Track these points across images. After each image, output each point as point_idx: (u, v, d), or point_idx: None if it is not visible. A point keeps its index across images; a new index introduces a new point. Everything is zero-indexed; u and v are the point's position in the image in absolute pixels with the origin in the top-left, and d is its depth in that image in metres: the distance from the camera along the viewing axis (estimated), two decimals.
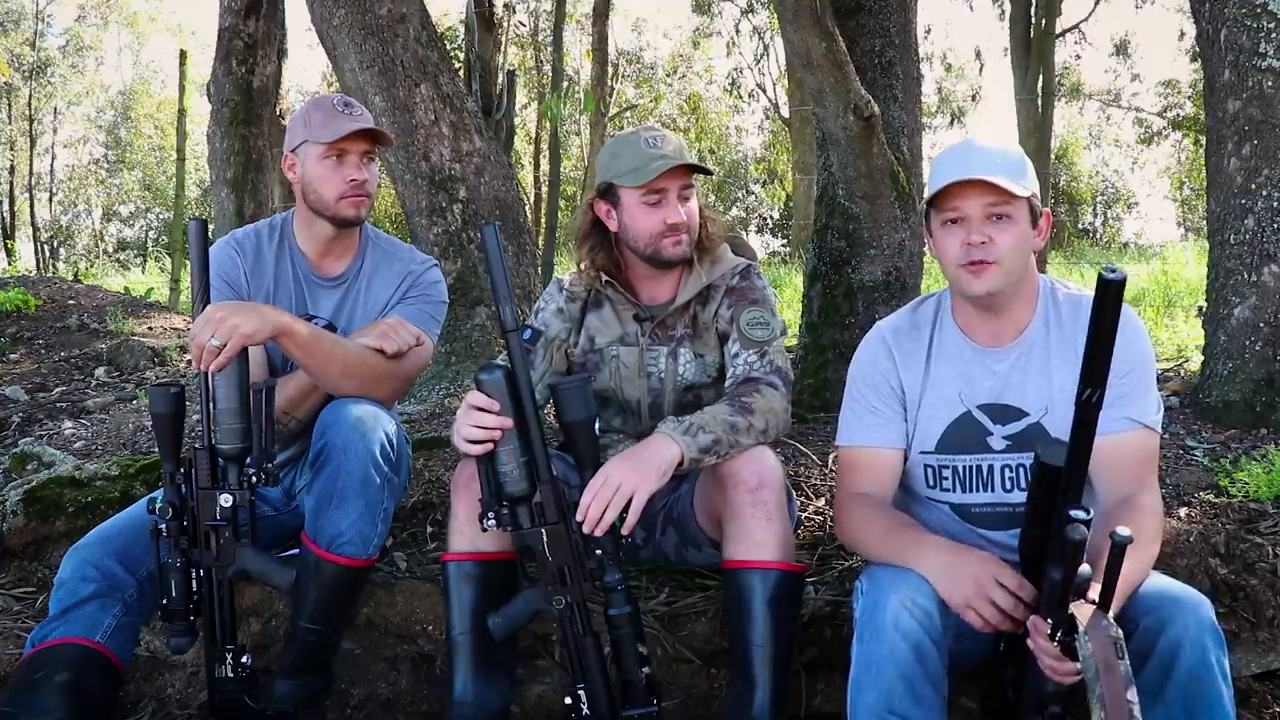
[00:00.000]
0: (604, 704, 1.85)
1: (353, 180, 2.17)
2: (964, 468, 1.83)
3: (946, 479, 1.85)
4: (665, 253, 2.08)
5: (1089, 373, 1.34)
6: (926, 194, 1.77)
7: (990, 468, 1.82)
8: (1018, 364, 1.80)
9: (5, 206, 22.24)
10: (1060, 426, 1.77)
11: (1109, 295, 1.29)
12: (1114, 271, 1.27)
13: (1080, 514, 1.37)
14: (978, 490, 1.83)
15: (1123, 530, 1.31)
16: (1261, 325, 2.91)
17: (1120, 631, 1.35)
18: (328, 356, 2.03)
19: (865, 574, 1.72)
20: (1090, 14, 17.38)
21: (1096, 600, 1.38)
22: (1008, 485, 1.81)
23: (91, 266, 18.21)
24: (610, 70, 18.48)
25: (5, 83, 21.30)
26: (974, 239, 1.70)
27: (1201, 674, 1.48)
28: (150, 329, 6.28)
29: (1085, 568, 1.39)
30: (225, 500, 1.90)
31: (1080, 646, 1.36)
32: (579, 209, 2.24)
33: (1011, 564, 1.83)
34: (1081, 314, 1.79)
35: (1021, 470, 1.80)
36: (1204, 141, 3.24)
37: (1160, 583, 1.62)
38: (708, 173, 2.10)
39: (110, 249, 25.37)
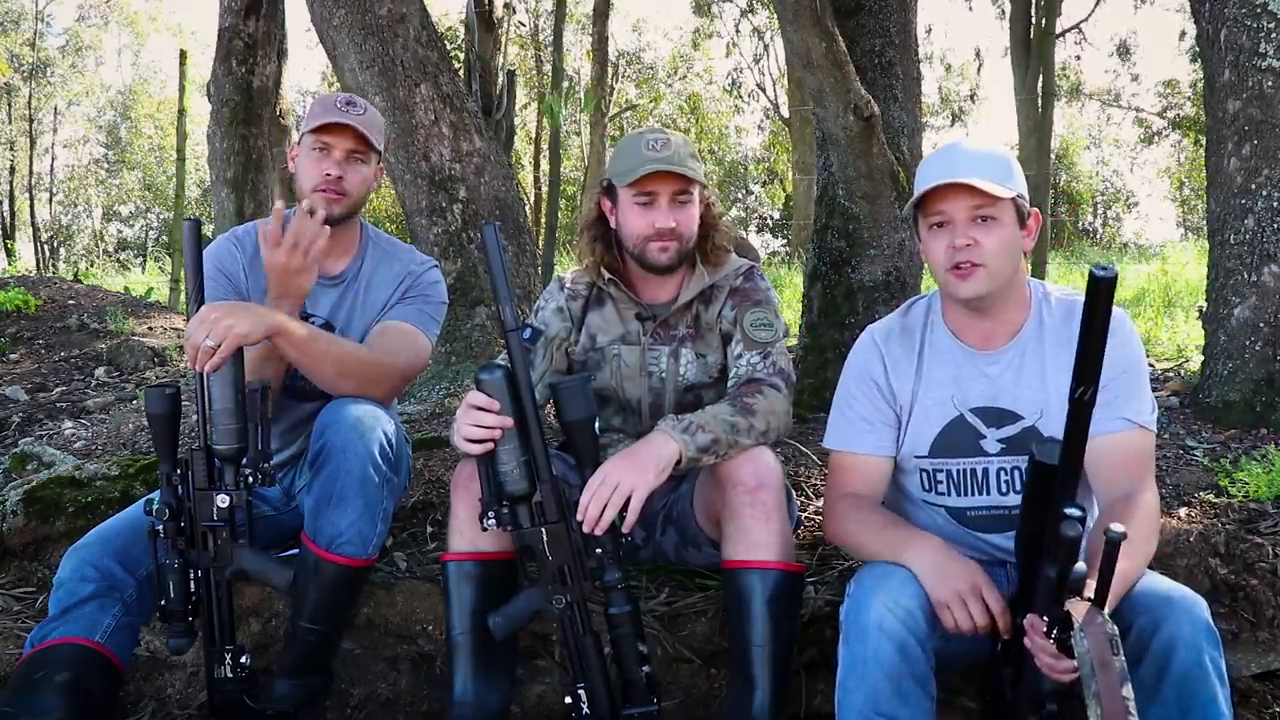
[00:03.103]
0: (604, 703, 1.84)
1: (328, 174, 2.15)
2: (958, 471, 1.83)
3: (941, 483, 1.84)
4: (650, 257, 2.07)
5: (1081, 370, 1.34)
6: (912, 199, 1.77)
7: (985, 471, 1.82)
8: (1011, 366, 1.80)
9: (5, 206, 22.24)
10: (1056, 429, 1.76)
11: (1100, 293, 1.29)
12: (1105, 269, 1.27)
13: (1074, 511, 1.38)
14: (973, 494, 1.83)
15: (1116, 527, 1.31)
16: (1261, 325, 2.91)
17: (1115, 628, 1.35)
18: (323, 356, 2.02)
19: (854, 577, 1.72)
20: (1090, 14, 17.35)
21: (1092, 597, 1.38)
22: (1003, 488, 1.81)
23: (91, 266, 18.22)
24: (610, 70, 18.48)
25: (5, 83, 21.30)
26: (958, 241, 1.70)
27: (1196, 674, 1.48)
28: (150, 329, 6.27)
29: (1080, 565, 1.39)
30: (222, 501, 1.90)
31: (1076, 643, 1.36)
32: (587, 203, 2.24)
33: (1009, 565, 1.83)
34: (1075, 316, 1.79)
35: (1017, 473, 1.79)
36: (1204, 141, 3.24)
37: (1155, 583, 1.62)
38: (700, 184, 2.09)
39: (110, 249, 25.37)
